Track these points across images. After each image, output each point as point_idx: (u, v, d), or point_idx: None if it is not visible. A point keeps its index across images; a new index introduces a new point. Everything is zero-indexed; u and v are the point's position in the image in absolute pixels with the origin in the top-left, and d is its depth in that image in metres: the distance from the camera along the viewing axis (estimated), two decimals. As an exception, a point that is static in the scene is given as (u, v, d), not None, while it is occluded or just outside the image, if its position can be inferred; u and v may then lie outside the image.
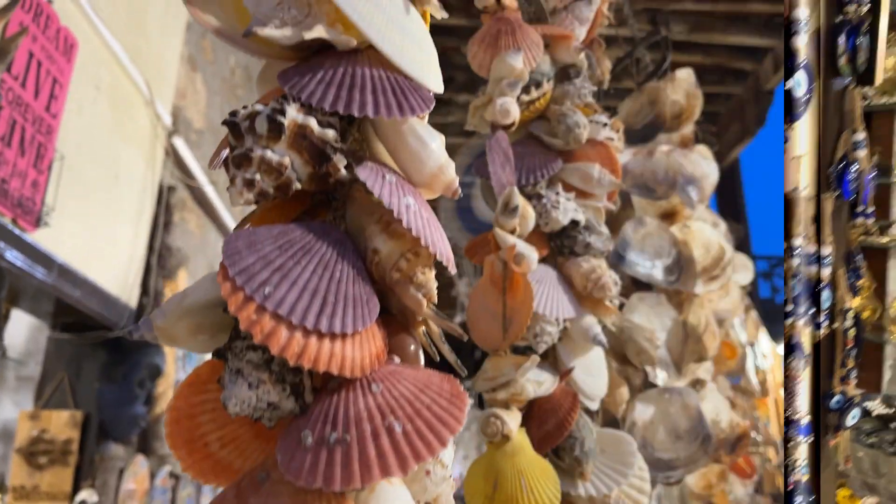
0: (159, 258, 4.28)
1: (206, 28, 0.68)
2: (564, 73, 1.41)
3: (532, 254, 1.14)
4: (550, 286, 1.25)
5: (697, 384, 1.81)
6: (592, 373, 1.28)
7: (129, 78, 3.84)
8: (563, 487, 1.15)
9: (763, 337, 6.21)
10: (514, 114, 1.20)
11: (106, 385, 3.64)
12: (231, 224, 5.01)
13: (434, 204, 0.74)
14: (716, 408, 1.76)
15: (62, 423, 3.17)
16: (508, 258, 1.12)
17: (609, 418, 1.66)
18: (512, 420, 1.06)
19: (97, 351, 3.63)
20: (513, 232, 1.15)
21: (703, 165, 1.93)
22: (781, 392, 5.45)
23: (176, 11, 4.45)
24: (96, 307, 3.33)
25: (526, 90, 1.34)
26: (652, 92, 1.92)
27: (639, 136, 1.91)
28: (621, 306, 1.47)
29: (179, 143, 4.35)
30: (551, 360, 1.27)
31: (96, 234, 3.44)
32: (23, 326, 3.47)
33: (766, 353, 6.34)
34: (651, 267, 1.81)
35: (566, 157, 1.36)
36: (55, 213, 2.89)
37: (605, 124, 1.40)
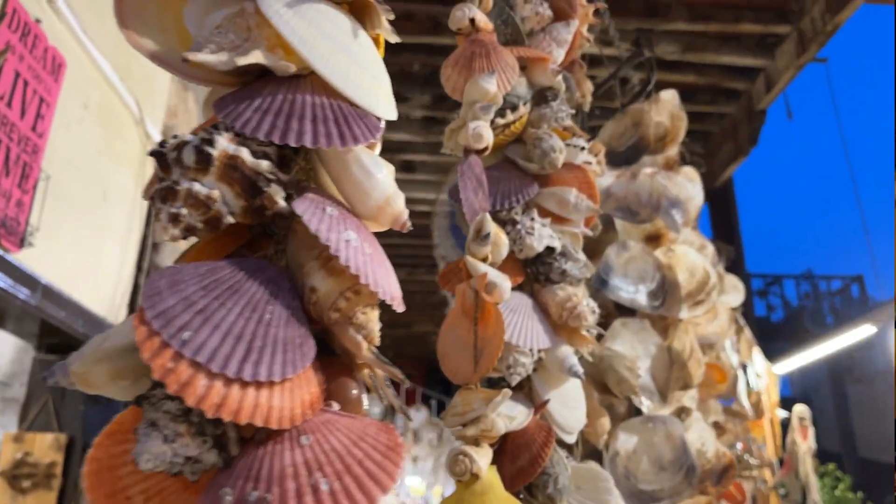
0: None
1: (141, 53, 0.64)
2: (542, 96, 1.37)
3: (504, 283, 1.10)
4: (525, 315, 1.20)
5: (682, 412, 1.76)
6: (569, 404, 1.23)
7: (119, 97, 3.82)
8: (535, 527, 1.10)
9: (757, 357, 6.17)
10: (487, 138, 1.16)
11: (91, 408, 3.58)
12: None
13: (426, 222, 0.70)
14: (701, 437, 1.71)
15: (46, 446, 3.11)
16: (479, 287, 1.08)
17: (590, 449, 1.61)
18: (481, 457, 1.01)
19: (84, 372, 3.56)
20: (485, 260, 1.10)
21: (688, 188, 1.89)
22: (778, 412, 5.39)
23: (169, 31, 4.44)
24: (82, 328, 3.27)
25: (501, 113, 1.30)
26: (636, 114, 1.88)
27: (622, 158, 1.87)
28: (600, 336, 1.42)
29: (171, 162, 4.31)
30: (526, 391, 1.22)
31: (82, 254, 3.40)
32: (7, 347, 3.42)
33: (759, 373, 6.29)
34: (634, 292, 1.76)
35: (542, 182, 1.32)
36: (40, 234, 2.85)
37: (583, 148, 1.36)
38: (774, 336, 11.67)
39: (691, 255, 1.86)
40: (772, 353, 7.95)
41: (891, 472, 11.62)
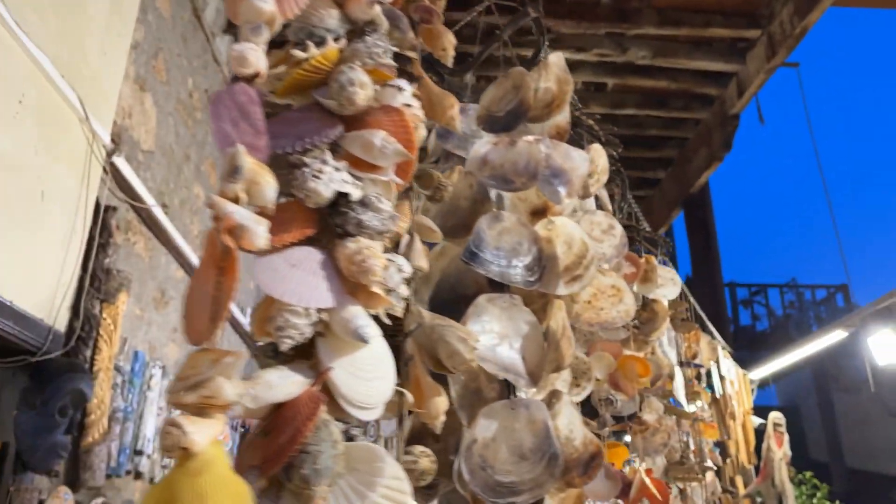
0: (96, 280, 4.03)
1: None
2: (360, 33, 1.19)
3: (257, 227, 0.91)
4: (307, 271, 1.01)
5: (553, 397, 1.56)
6: (361, 375, 1.03)
7: (61, 94, 3.65)
8: (291, 515, 0.90)
9: (728, 362, 5.94)
10: (254, 63, 0.98)
11: (24, 412, 3.38)
12: (184, 247, 4.77)
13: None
14: (570, 423, 1.50)
15: (-23, 451, 2.92)
16: (224, 230, 0.89)
17: (421, 432, 1.41)
18: (199, 429, 0.81)
19: (17, 376, 3.37)
20: (236, 200, 0.91)
21: (574, 158, 1.70)
22: (753, 419, 5.16)
23: (120, 30, 4.28)
24: (15, 330, 3.08)
25: (302, 47, 1.12)
26: (517, 77, 1.69)
27: (501, 124, 1.68)
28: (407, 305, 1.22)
29: (122, 163, 4.13)
30: (314, 360, 1.03)
31: (16, 255, 3.21)
32: (-64, 352, 3.23)
33: (732, 379, 6.05)
34: (507, 266, 1.57)
35: (354, 125, 1.13)
36: (-32, 234, 2.66)
37: (403, 89, 1.18)
38: (760, 345, 11.41)
39: (570, 227, 1.66)
40: (758, 363, 7.72)
41: (878, 482, 11.32)
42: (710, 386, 5.10)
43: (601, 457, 1.49)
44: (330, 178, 1.04)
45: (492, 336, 1.51)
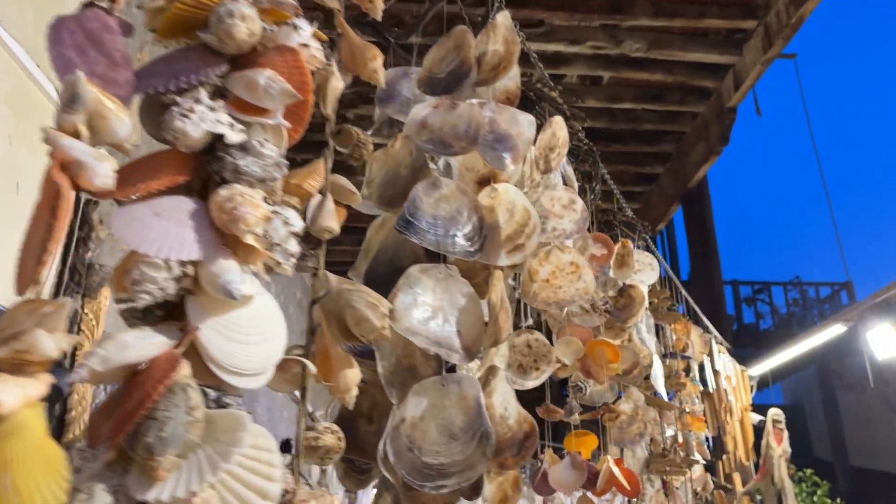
0: (76, 275, 3.93)
1: None
2: (256, -32, 1.07)
3: (98, 165, 0.79)
4: (173, 220, 0.89)
5: (490, 373, 1.43)
6: (238, 338, 0.91)
7: (37, 85, 3.55)
8: (133, 490, 0.78)
9: (725, 357, 5.78)
10: (106, -15, 0.86)
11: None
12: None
13: None
14: (505, 401, 1.38)
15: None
16: (56, 166, 0.77)
17: (353, 413, 1.29)
18: (8, 388, 0.70)
19: (-12, 367, 3.27)
20: (75, 135, 0.80)
21: (521, 121, 1.57)
22: (752, 416, 5.00)
23: (101, 22, 4.18)
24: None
25: (183, -21, 1.00)
26: (458, 36, 1.57)
27: (442, 85, 1.56)
28: (305, 257, 1.10)
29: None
30: (185, 322, 0.91)
31: (-10, 246, 3.11)
32: None
33: (729, 374, 5.90)
34: (444, 235, 1.45)
35: (243, 65, 1.01)
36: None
37: (299, 28, 1.05)
38: (763, 344, 11.20)
39: (512, 193, 1.54)
40: (761, 361, 7.54)
41: (882, 480, 11.09)
42: (703, 380, 4.95)
43: (535, 436, 1.36)
44: (201, 118, 0.92)
45: (425, 309, 1.39)
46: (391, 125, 1.74)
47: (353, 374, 1.16)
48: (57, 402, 3.49)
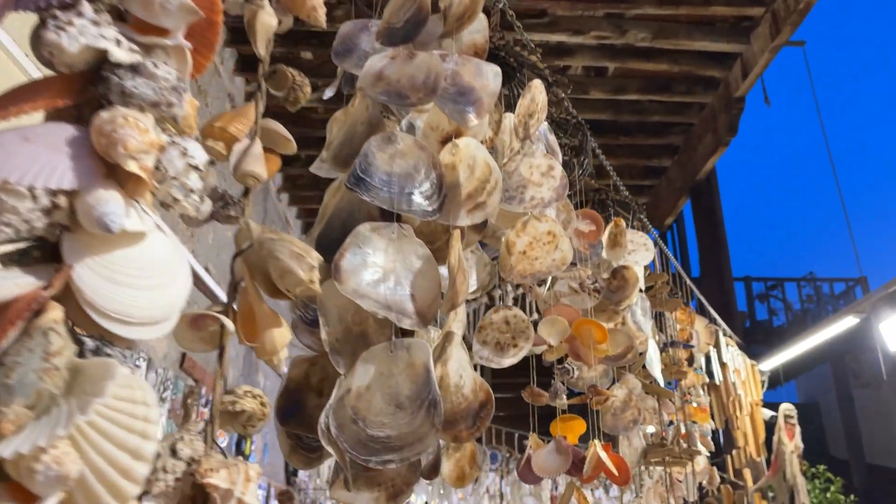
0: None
1: None
2: None
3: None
4: (46, 146, 0.77)
5: (446, 339, 1.30)
6: (124, 280, 0.79)
7: (25, 73, 3.48)
8: (-25, 445, 0.67)
9: (732, 350, 5.62)
10: None
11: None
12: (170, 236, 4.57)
13: None
14: (460, 369, 1.25)
15: None
16: None
17: (301, 385, 1.17)
18: None
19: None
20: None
21: (485, 73, 1.45)
22: (764, 412, 4.83)
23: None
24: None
25: None
26: (417, -19, 1.45)
27: (400, 35, 1.44)
28: (228, 205, 0.98)
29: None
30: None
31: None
32: None
33: (738, 367, 5.73)
34: (399, 193, 1.32)
35: (144, -14, 0.90)
36: None
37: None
38: (777, 341, 10.97)
39: (473, 148, 1.41)
40: (768, 355, 7.35)
41: (899, 478, 10.82)
42: (710, 372, 4.79)
43: (491, 405, 1.23)
44: (81, 32, 0.80)
45: (375, 270, 1.27)
46: (352, 82, 1.62)
47: (280, 335, 1.03)
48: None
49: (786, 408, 6.39)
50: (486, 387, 1.25)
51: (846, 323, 5.73)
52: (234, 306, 1.02)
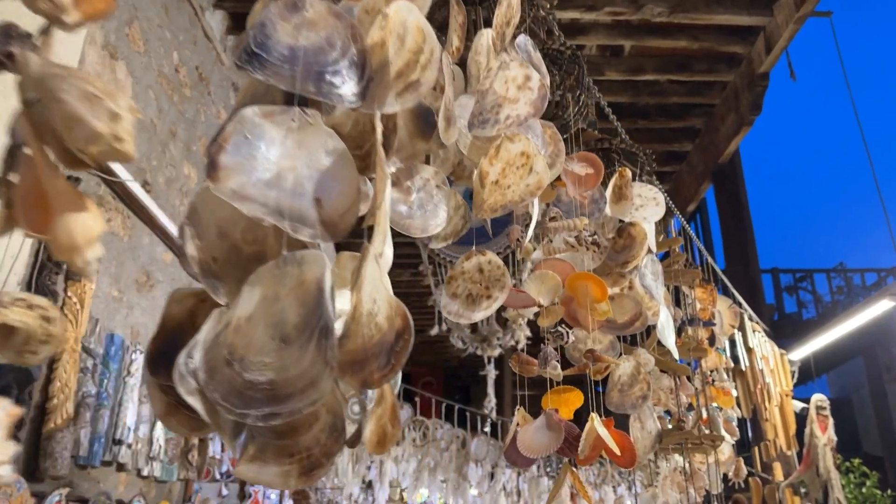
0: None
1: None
2: None
3: None
4: None
5: (363, 256, 0.95)
6: None
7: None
8: None
9: (759, 336, 5.19)
10: None
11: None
12: (171, 228, 4.29)
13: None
14: (373, 292, 0.90)
15: None
16: None
17: (182, 323, 0.83)
18: None
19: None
20: None
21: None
22: (794, 403, 4.39)
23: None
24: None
25: None
26: None
27: None
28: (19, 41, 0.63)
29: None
30: None
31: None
32: None
33: (766, 355, 5.31)
34: (306, 73, 0.98)
35: None
36: None
37: None
38: (806, 333, 10.44)
39: (403, 12, 1.06)
40: (795, 345, 6.88)
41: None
42: (735, 357, 4.38)
43: (410, 334, 0.88)
44: None
45: (266, 168, 0.93)
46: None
47: (86, 222, 0.70)
48: (27, 387, 3.12)
49: (818, 398, 5.93)
50: (403, 310, 0.90)
51: (881, 307, 5.27)
52: (11, 178, 0.68)
